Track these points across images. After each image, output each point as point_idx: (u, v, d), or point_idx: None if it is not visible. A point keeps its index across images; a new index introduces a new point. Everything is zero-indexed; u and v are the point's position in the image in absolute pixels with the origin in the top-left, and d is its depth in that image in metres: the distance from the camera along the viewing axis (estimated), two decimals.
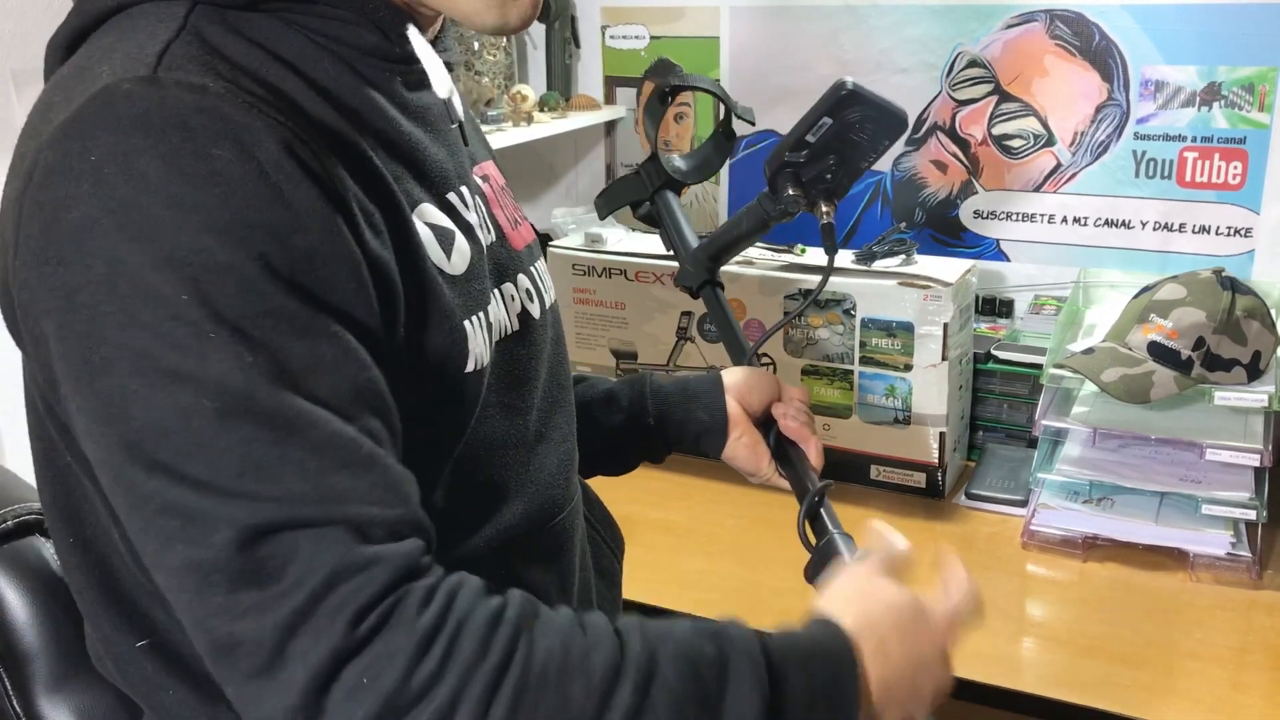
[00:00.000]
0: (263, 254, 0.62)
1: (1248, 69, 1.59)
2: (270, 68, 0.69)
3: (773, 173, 0.92)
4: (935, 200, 1.84)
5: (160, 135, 0.62)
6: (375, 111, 0.74)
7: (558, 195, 2.17)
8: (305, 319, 0.63)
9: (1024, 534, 1.47)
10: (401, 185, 0.73)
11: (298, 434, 0.62)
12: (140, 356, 0.61)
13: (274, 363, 0.62)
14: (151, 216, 0.61)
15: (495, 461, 0.81)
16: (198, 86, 0.63)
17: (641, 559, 1.09)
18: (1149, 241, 1.71)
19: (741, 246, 1.05)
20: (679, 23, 1.97)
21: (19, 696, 0.87)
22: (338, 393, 0.64)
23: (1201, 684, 1.19)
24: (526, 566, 0.84)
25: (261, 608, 0.61)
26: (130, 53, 0.66)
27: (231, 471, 0.61)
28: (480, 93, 1.95)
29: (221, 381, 0.61)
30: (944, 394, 1.54)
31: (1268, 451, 1.37)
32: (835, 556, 0.86)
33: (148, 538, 0.64)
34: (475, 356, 0.76)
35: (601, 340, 1.76)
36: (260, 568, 0.61)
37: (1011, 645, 1.28)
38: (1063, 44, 1.69)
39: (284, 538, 0.61)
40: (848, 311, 1.58)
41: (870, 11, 1.80)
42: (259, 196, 0.62)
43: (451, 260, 0.76)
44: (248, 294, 0.62)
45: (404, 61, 0.76)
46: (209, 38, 0.68)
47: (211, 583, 0.61)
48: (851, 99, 0.87)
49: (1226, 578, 1.37)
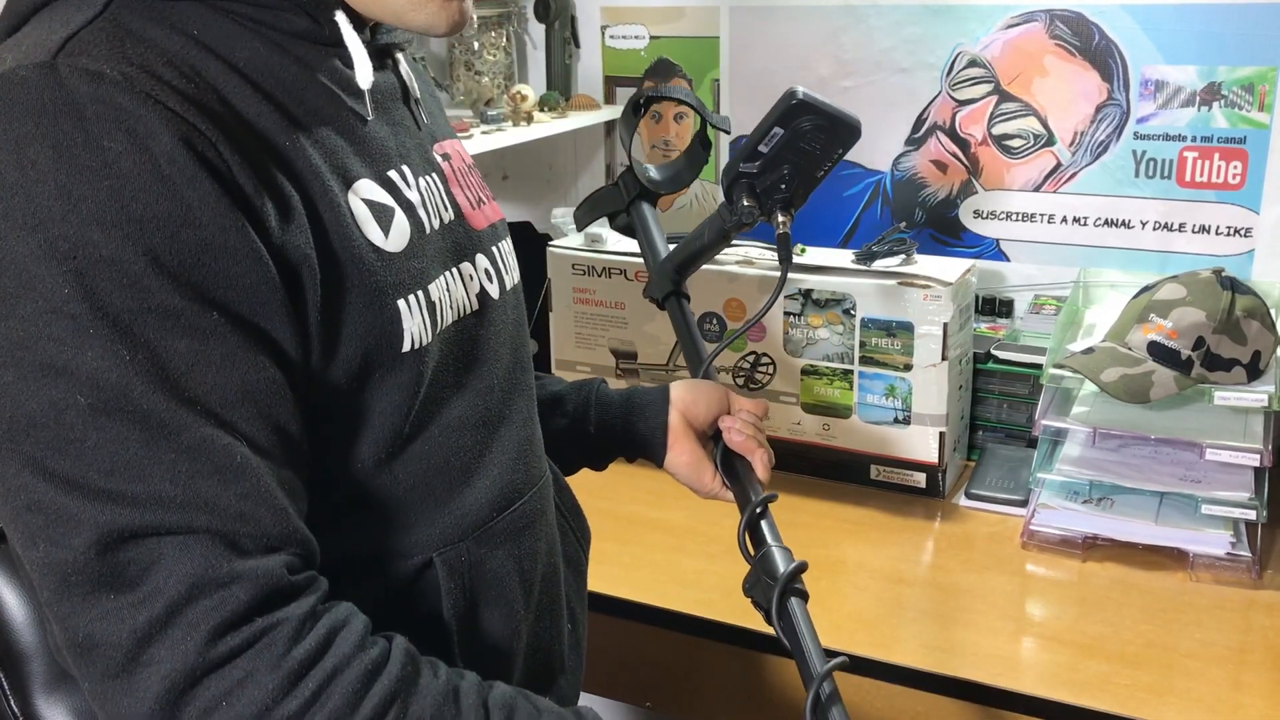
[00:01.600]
0: (151, 249, 0.61)
1: (1248, 69, 1.59)
2: (190, 51, 0.68)
3: (728, 184, 0.92)
4: (935, 200, 1.84)
5: (52, 123, 0.61)
6: (311, 90, 0.73)
7: (558, 195, 2.17)
8: (192, 316, 0.63)
9: (1024, 534, 1.47)
10: (335, 161, 0.73)
11: (171, 436, 0.62)
12: (16, 347, 0.61)
13: (154, 361, 0.62)
14: (39, 206, 0.60)
15: (454, 443, 0.80)
16: (94, 74, 0.62)
17: (641, 559, 1.09)
18: (1149, 241, 1.71)
19: (705, 258, 1.04)
20: (679, 23, 1.97)
21: (16, 696, 0.87)
22: (220, 394, 0.64)
23: (1201, 684, 1.19)
24: (486, 551, 0.83)
25: (119, 612, 0.61)
26: (38, 40, 0.65)
27: (100, 470, 0.61)
28: (480, 93, 1.95)
29: (96, 378, 0.61)
30: (944, 394, 1.54)
31: (1267, 451, 1.36)
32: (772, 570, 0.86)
33: (14, 530, 0.64)
34: (411, 336, 0.75)
35: (601, 340, 1.76)
36: (120, 572, 0.61)
37: (1011, 645, 1.28)
38: (1063, 44, 1.69)
39: (147, 543, 0.61)
40: (848, 311, 1.58)
41: (870, 11, 1.80)
42: (150, 190, 0.62)
43: (389, 237, 0.75)
44: (133, 289, 0.61)
45: (334, 44, 0.75)
46: (126, 24, 0.67)
47: (70, 584, 0.61)
48: (802, 108, 0.87)
49: (1226, 578, 1.37)
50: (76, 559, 0.61)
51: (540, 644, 0.91)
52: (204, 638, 0.61)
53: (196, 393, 0.63)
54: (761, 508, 0.92)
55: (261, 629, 0.63)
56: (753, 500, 0.93)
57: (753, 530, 0.90)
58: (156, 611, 0.61)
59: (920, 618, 1.35)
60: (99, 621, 0.61)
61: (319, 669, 0.63)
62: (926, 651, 1.25)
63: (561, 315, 1.76)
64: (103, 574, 0.61)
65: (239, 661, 0.62)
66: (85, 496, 0.61)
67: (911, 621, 1.34)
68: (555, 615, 0.93)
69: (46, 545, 0.62)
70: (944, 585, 1.40)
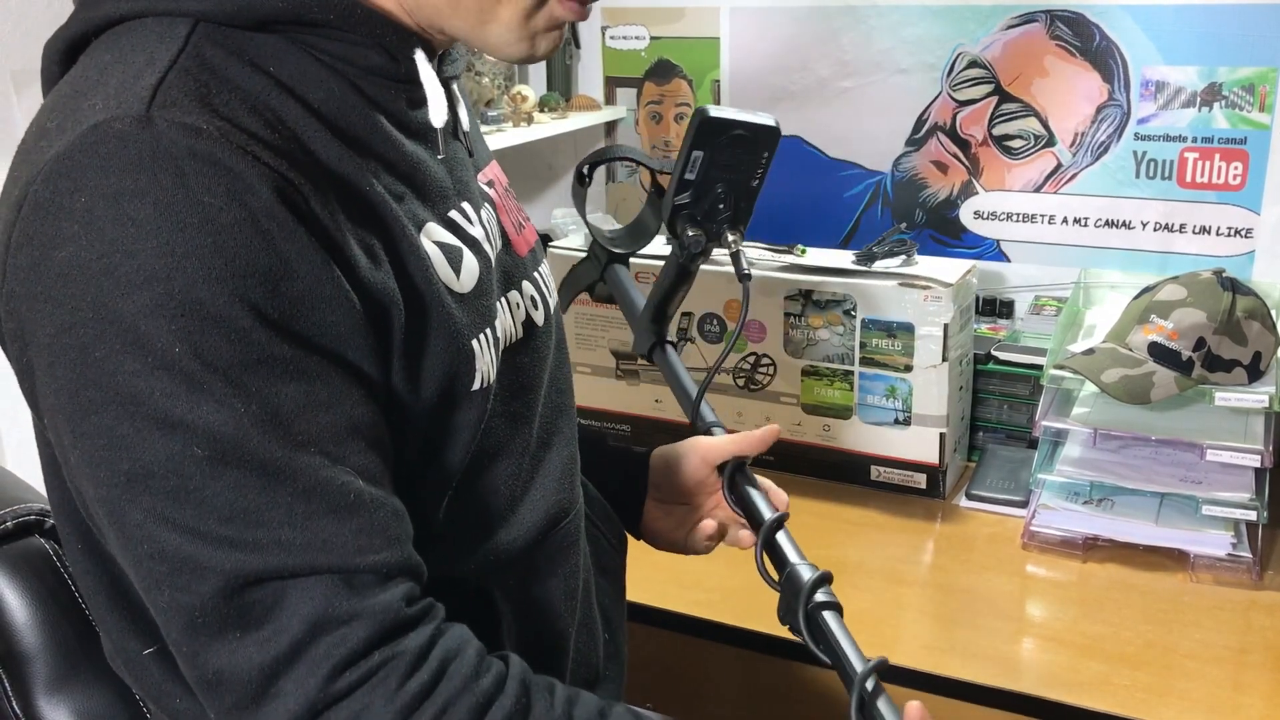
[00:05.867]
0: (255, 302, 0.62)
1: (1248, 69, 1.59)
2: (272, 94, 0.68)
3: (669, 221, 0.91)
4: (935, 201, 1.84)
5: (152, 179, 0.61)
6: (378, 133, 0.73)
7: (558, 195, 2.17)
8: (298, 362, 0.64)
9: (1024, 535, 1.47)
10: (405, 206, 0.73)
11: (287, 480, 0.63)
12: (129, 402, 0.61)
13: (266, 409, 0.62)
14: (143, 263, 0.60)
15: (500, 471, 0.81)
16: (192, 129, 0.62)
17: (642, 559, 1.09)
18: (1149, 242, 1.71)
19: (675, 299, 1.03)
20: (679, 23, 1.97)
21: (18, 697, 0.87)
22: (332, 431, 0.65)
23: (1201, 684, 1.19)
24: (533, 575, 0.84)
25: (246, 650, 0.63)
26: (125, 82, 0.65)
27: (220, 517, 0.62)
28: (480, 93, 1.95)
29: (212, 430, 0.61)
30: (944, 395, 1.54)
31: (1268, 452, 1.36)
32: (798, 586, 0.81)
33: (138, 575, 0.65)
34: (482, 374, 0.75)
35: (601, 340, 1.76)
36: (246, 613, 0.63)
37: (1011, 645, 1.28)
38: (1063, 44, 1.69)
39: (271, 585, 0.63)
40: (848, 312, 1.58)
41: (870, 11, 1.80)
42: (251, 245, 0.62)
43: (460, 278, 0.76)
44: (240, 343, 0.62)
45: (408, 81, 0.75)
46: (210, 60, 0.66)
47: (197, 626, 0.63)
48: (714, 126, 0.86)
49: (1227, 578, 1.37)
50: (204, 604, 0.62)
51: (580, 655, 0.92)
52: (326, 673, 0.63)
53: (309, 435, 0.64)
54: (776, 527, 0.88)
55: (379, 663, 0.64)
56: (767, 521, 0.89)
57: (771, 552, 0.87)
58: (281, 649, 0.63)
59: (920, 618, 1.35)
60: (227, 658, 0.63)
61: (433, 700, 0.65)
62: (926, 652, 1.25)
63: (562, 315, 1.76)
64: (229, 615, 0.63)
65: (358, 694, 0.64)
66: (209, 544, 0.62)
67: (912, 622, 1.34)
68: (591, 625, 0.94)
69: (172, 591, 0.63)
70: (944, 586, 1.40)
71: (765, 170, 0.90)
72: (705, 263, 0.96)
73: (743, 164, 0.89)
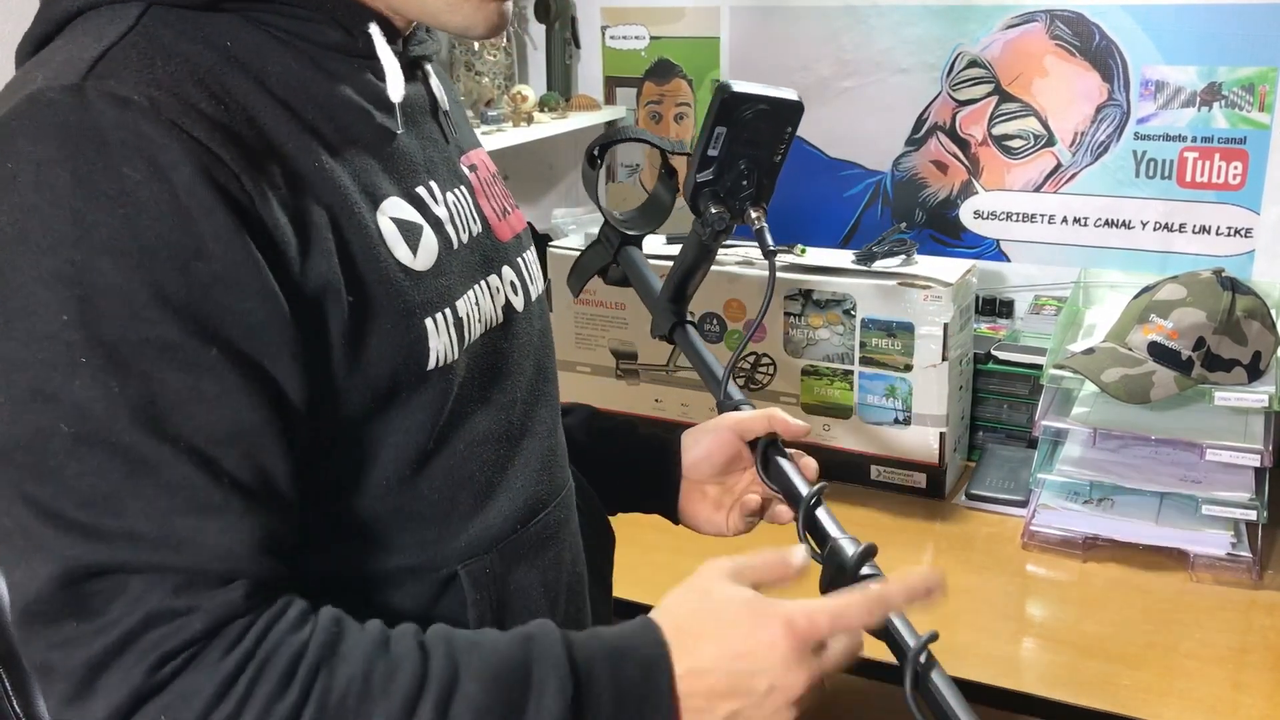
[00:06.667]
0: (157, 279, 0.61)
1: (1248, 69, 1.59)
2: (221, 67, 0.68)
3: (691, 198, 0.91)
4: (935, 200, 1.84)
5: (75, 148, 0.61)
6: (340, 105, 0.73)
7: (558, 195, 2.17)
8: (190, 351, 0.62)
9: (1024, 534, 1.47)
10: (364, 179, 0.73)
11: (152, 472, 0.61)
12: (10, 369, 0.61)
13: (143, 394, 0.61)
14: (52, 229, 0.60)
15: (477, 457, 0.80)
16: (120, 100, 0.62)
17: (642, 559, 1.09)
18: (1149, 242, 1.71)
19: (696, 277, 1.03)
20: (679, 23, 1.97)
21: (19, 697, 0.87)
22: (209, 431, 0.63)
23: (1201, 684, 1.19)
24: (511, 563, 0.83)
25: (78, 641, 0.61)
26: (70, 56, 0.65)
27: (76, 500, 0.61)
28: (480, 93, 1.95)
29: (82, 407, 0.60)
30: (944, 394, 1.54)
31: (1268, 452, 1.36)
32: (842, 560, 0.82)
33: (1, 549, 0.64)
34: (437, 354, 0.75)
35: (601, 340, 1.76)
36: (85, 603, 0.61)
37: (1011, 645, 1.28)
38: (1063, 44, 1.69)
39: (114, 578, 0.61)
40: (848, 312, 1.58)
41: (870, 11, 1.80)
42: (165, 220, 0.61)
43: (417, 256, 0.75)
44: (132, 320, 0.61)
45: (367, 57, 0.75)
46: (159, 38, 0.67)
47: (33, 611, 0.62)
48: (736, 100, 0.86)
49: (1227, 578, 1.37)
50: (42, 588, 0.61)
51: None
52: (153, 662, 0.61)
53: (184, 429, 0.62)
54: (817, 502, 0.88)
55: (200, 649, 0.63)
56: (805, 496, 0.89)
57: (812, 528, 0.87)
58: (112, 640, 0.61)
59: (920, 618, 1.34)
60: (58, 649, 0.62)
61: (249, 668, 0.63)
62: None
63: (562, 316, 1.76)
64: (67, 603, 0.61)
65: (177, 682, 0.62)
66: (58, 527, 0.61)
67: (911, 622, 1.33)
68: (580, 625, 0.92)
69: (21, 570, 0.62)
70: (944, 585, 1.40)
71: (788, 146, 0.90)
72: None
73: (765, 140, 0.89)
